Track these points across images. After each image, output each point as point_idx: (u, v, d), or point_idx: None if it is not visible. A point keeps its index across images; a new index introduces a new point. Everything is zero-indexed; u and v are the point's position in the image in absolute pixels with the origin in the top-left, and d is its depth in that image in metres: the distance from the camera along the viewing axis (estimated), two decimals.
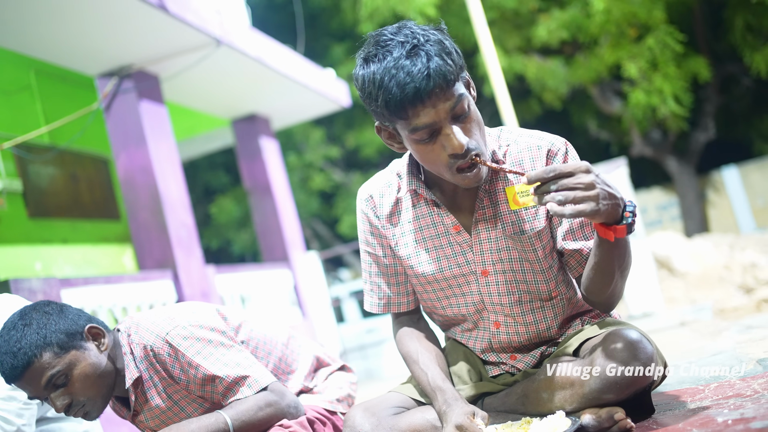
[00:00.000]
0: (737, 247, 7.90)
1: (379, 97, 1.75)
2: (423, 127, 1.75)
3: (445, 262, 2.02)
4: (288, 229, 7.12)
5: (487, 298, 2.01)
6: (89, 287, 4.38)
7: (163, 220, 5.26)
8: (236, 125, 7.23)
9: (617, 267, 1.79)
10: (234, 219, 14.78)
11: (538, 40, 11.22)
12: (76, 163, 6.74)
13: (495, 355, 2.08)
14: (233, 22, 5.66)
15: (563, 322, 2.05)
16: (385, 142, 1.94)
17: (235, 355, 2.20)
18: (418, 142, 1.79)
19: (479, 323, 2.06)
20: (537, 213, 1.96)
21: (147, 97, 5.40)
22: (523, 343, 2.04)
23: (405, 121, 1.76)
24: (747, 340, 2.87)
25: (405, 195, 2.06)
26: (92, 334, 2.19)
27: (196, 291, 5.29)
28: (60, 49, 4.97)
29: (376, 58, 1.76)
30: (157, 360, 2.20)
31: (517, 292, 2.00)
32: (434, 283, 2.06)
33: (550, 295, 2.01)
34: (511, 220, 1.96)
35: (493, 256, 1.98)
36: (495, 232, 1.97)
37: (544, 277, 2.00)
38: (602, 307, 1.96)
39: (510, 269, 1.98)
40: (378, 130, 1.93)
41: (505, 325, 2.03)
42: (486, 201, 1.97)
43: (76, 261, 6.46)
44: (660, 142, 12.80)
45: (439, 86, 1.71)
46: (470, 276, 2.01)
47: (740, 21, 10.94)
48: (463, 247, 2.00)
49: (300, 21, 8.40)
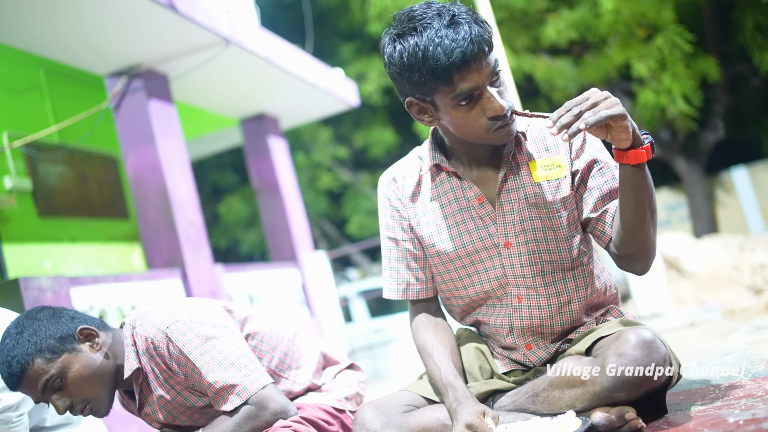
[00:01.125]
0: (746, 247, 7.87)
1: (423, 67, 1.79)
2: (467, 91, 1.80)
3: (467, 237, 2.04)
4: (296, 229, 7.13)
5: (510, 270, 2.02)
6: (98, 286, 4.39)
7: (171, 219, 5.27)
8: (245, 125, 7.24)
9: (646, 201, 1.83)
10: (242, 218, 14.81)
11: (547, 40, 11.19)
12: (86, 162, 6.76)
13: (513, 337, 2.07)
14: (242, 22, 5.67)
15: (585, 305, 2.05)
16: (415, 116, 1.97)
17: (231, 353, 2.21)
18: (458, 107, 1.84)
19: (503, 299, 2.06)
20: (560, 184, 1.99)
21: (156, 97, 5.41)
22: (544, 323, 2.04)
23: (449, 87, 1.80)
24: (757, 340, 2.86)
25: (426, 173, 2.10)
26: (85, 335, 2.22)
27: (205, 290, 5.30)
28: (69, 48, 4.98)
29: (416, 31, 1.80)
30: (156, 353, 2.23)
31: (539, 262, 2.01)
32: (456, 261, 2.06)
33: (573, 264, 2.03)
34: (534, 191, 1.99)
35: (515, 227, 2.00)
36: (518, 204, 1.99)
37: (567, 245, 2.01)
38: (639, 263, 1.94)
39: (533, 239, 2.00)
40: (409, 105, 1.95)
41: (527, 299, 2.03)
42: (509, 173, 2.00)
43: (85, 260, 6.48)
44: (669, 142, 12.76)
45: (482, 51, 1.78)
46: (492, 249, 2.02)
47: (750, 21, 10.89)
48: (486, 220, 2.02)
49: (308, 21, 8.41)
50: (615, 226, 1.92)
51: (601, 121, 1.65)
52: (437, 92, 1.84)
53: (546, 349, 2.06)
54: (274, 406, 2.19)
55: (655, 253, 1.94)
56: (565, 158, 2.00)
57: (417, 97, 1.90)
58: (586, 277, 2.05)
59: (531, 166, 2.00)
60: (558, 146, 2.01)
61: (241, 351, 2.24)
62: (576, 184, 2.00)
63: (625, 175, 1.80)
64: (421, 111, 1.94)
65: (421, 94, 1.88)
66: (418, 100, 1.91)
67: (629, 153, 1.75)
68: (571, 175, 2.00)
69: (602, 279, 2.09)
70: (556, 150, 2.01)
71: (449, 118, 1.88)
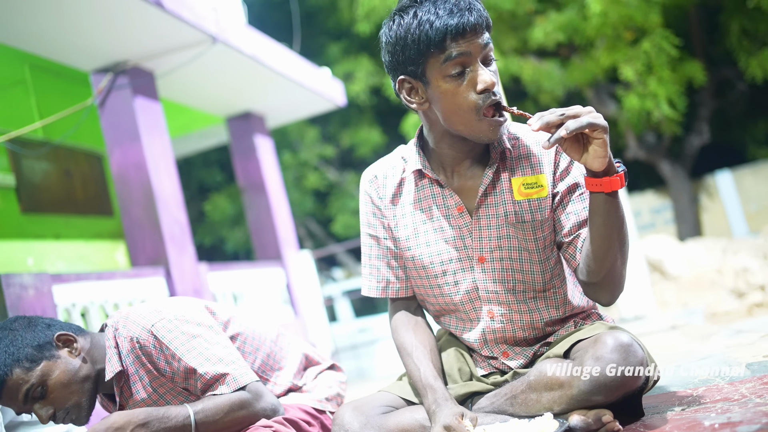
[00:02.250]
0: (730, 251, 7.93)
1: (418, 29, 1.81)
2: (458, 56, 1.80)
3: (443, 245, 2.03)
4: (281, 228, 7.12)
5: (482, 285, 2.02)
6: (81, 283, 4.37)
7: (156, 216, 5.25)
8: (231, 123, 7.22)
9: (615, 231, 1.80)
10: (228, 216, 14.78)
11: (535, 42, 11.22)
12: (70, 158, 6.73)
13: (488, 348, 2.08)
14: (229, 20, 5.66)
15: (557, 320, 2.06)
16: (404, 99, 1.96)
17: (219, 350, 2.21)
18: (448, 79, 1.83)
19: (470, 314, 2.06)
20: (541, 204, 1.98)
21: (142, 94, 5.39)
22: (517, 335, 2.04)
23: (441, 52, 1.81)
24: (736, 344, 2.88)
25: (409, 176, 2.09)
26: (63, 342, 2.20)
27: (189, 288, 5.28)
28: (55, 44, 4.95)
29: (416, 3, 1.84)
30: (143, 352, 2.22)
31: (512, 281, 2.01)
32: (429, 268, 2.06)
33: (545, 287, 2.03)
34: (514, 209, 1.98)
35: (491, 242, 1.99)
36: (497, 219, 1.98)
37: (541, 268, 2.01)
38: (605, 293, 1.93)
39: (508, 257, 1.99)
40: (400, 84, 1.94)
41: (499, 314, 2.03)
42: (490, 187, 1.99)
43: (68, 257, 6.44)
44: (654, 145, 12.83)
45: (478, 24, 1.80)
46: (466, 262, 2.02)
47: (736, 26, 10.97)
48: (463, 231, 2.01)
49: (296, 19, 8.40)
50: (583, 254, 1.91)
51: (583, 127, 1.65)
52: (430, 59, 1.83)
53: (524, 354, 2.07)
54: (269, 399, 2.19)
55: (623, 285, 1.92)
56: (548, 179, 1.98)
57: (409, 72, 1.89)
58: (558, 299, 2.05)
59: (513, 182, 1.98)
60: (542, 165, 1.99)
61: (227, 350, 2.23)
62: (555, 205, 1.99)
63: (597, 204, 1.79)
64: (412, 91, 1.93)
65: (414, 66, 1.87)
66: (409, 77, 1.91)
67: (604, 180, 1.74)
68: (552, 197, 1.99)
69: (576, 301, 2.08)
70: (539, 169, 1.99)
71: (439, 93, 1.86)
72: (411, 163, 2.07)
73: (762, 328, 3.43)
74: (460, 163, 2.01)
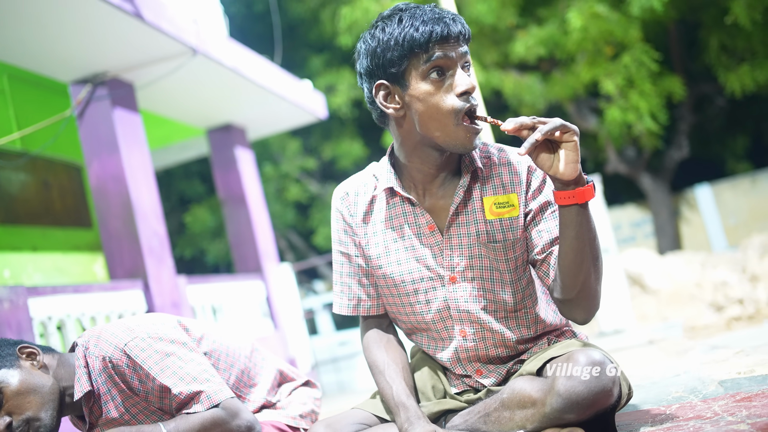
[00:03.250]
0: (709, 265, 7.98)
1: (402, 32, 1.84)
2: (441, 57, 1.83)
3: (414, 264, 2.02)
4: (262, 241, 7.10)
5: (453, 304, 2.01)
6: (57, 296, 4.34)
7: (134, 229, 5.22)
8: (211, 135, 7.20)
9: (587, 245, 1.80)
10: (208, 228, 14.72)
11: (516, 56, 11.28)
12: (49, 169, 6.68)
13: (461, 367, 2.07)
14: (210, 32, 5.65)
15: (530, 338, 2.05)
16: (380, 104, 1.94)
17: (192, 368, 2.19)
18: (429, 81, 1.85)
19: (443, 332, 2.05)
20: (512, 224, 1.97)
21: (121, 105, 5.37)
22: (489, 353, 2.03)
23: (424, 53, 1.83)
24: (711, 360, 2.89)
25: (380, 194, 2.07)
26: (26, 354, 2.19)
27: (167, 301, 5.25)
28: (34, 54, 4.93)
29: (401, 11, 1.89)
30: (115, 371, 2.19)
31: (483, 300, 2.00)
32: (401, 286, 2.05)
33: (516, 307, 2.02)
34: (486, 229, 1.97)
35: (463, 261, 1.98)
36: (468, 238, 1.98)
37: (512, 288, 2.00)
38: (580, 311, 1.91)
39: (479, 277, 1.99)
40: (377, 89, 1.93)
41: (471, 333, 2.02)
42: (461, 206, 1.98)
43: (46, 269, 6.39)
44: (635, 159, 12.92)
45: (461, 32, 1.85)
46: (437, 281, 2.01)
47: (715, 42, 11.09)
48: (434, 249, 2.00)
49: (278, 32, 8.40)
50: (557, 270, 1.90)
51: (555, 129, 1.67)
52: (412, 60, 1.85)
53: (497, 372, 2.07)
54: (244, 417, 2.16)
55: (599, 302, 1.90)
56: (519, 198, 1.98)
57: (389, 75, 1.89)
58: (529, 318, 2.04)
59: (485, 201, 1.98)
60: (514, 185, 1.99)
61: (201, 367, 2.21)
62: (527, 223, 1.98)
63: (569, 217, 1.79)
64: (389, 96, 1.93)
65: (395, 67, 1.87)
66: (387, 81, 1.91)
67: (576, 191, 1.74)
68: (524, 215, 1.98)
69: (548, 319, 2.07)
70: (511, 188, 1.99)
71: (418, 96, 1.86)
72: (382, 180, 2.06)
73: (737, 343, 3.45)
74: (432, 181, 2.00)
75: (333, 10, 12.44)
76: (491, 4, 11.11)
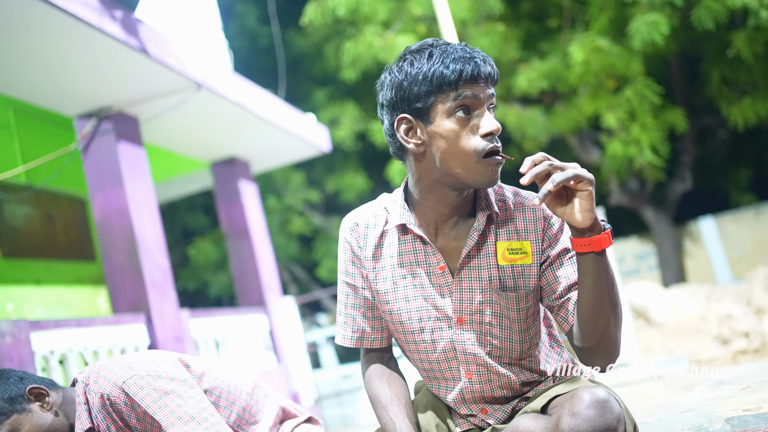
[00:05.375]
0: (713, 297, 7.94)
1: (432, 67, 1.81)
2: (470, 97, 1.81)
3: (422, 302, 1.99)
4: (265, 274, 7.09)
5: (460, 346, 1.99)
6: (60, 330, 4.33)
7: (138, 262, 5.22)
8: (215, 168, 7.23)
9: (606, 292, 1.79)
10: (212, 261, 14.71)
11: (519, 89, 11.34)
12: (53, 203, 6.70)
13: (466, 407, 2.06)
14: (214, 66, 5.69)
15: (535, 381, 2.04)
16: (401, 139, 1.90)
17: (192, 406, 2.17)
18: (454, 118, 1.82)
19: (447, 373, 2.04)
20: (524, 272, 1.94)
21: (125, 139, 5.39)
22: (495, 394, 2.02)
23: (453, 91, 1.81)
24: (717, 396, 2.86)
25: (391, 229, 2.04)
26: (34, 395, 2.19)
27: (170, 335, 5.23)
28: (40, 89, 4.97)
29: (431, 46, 1.86)
30: (113, 409, 2.18)
31: (489, 345, 1.98)
32: (406, 324, 2.02)
33: (521, 356, 2.00)
34: (498, 274, 1.94)
35: (473, 306, 1.96)
36: (480, 283, 1.95)
37: (520, 338, 1.98)
38: (600, 359, 1.88)
39: (488, 322, 1.96)
40: (398, 123, 1.90)
41: (477, 374, 2.00)
42: (474, 250, 1.95)
43: (49, 302, 6.38)
44: (637, 191, 12.93)
45: (491, 73, 1.83)
46: (444, 321, 1.99)
47: (716, 74, 11.14)
48: (443, 290, 1.98)
49: (281, 66, 8.46)
50: (576, 317, 1.88)
51: (569, 179, 1.65)
52: (439, 96, 1.83)
53: (502, 410, 2.05)
54: None
55: (619, 350, 1.88)
56: (534, 246, 1.95)
57: (413, 109, 1.87)
58: (533, 366, 2.03)
59: (498, 246, 1.95)
60: (528, 232, 1.96)
61: (200, 405, 2.20)
62: (543, 269, 1.96)
63: (586, 264, 1.78)
64: (410, 131, 1.89)
65: (421, 102, 1.85)
66: (411, 116, 1.88)
67: (592, 239, 1.73)
68: (540, 264, 1.96)
69: (552, 365, 2.06)
70: (525, 235, 1.96)
71: (441, 132, 1.83)
72: (394, 215, 2.03)
73: (744, 378, 3.42)
74: (445, 221, 1.96)
75: (337, 45, 12.53)
76: (494, 38, 11.20)
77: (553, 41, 11.93)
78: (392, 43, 10.77)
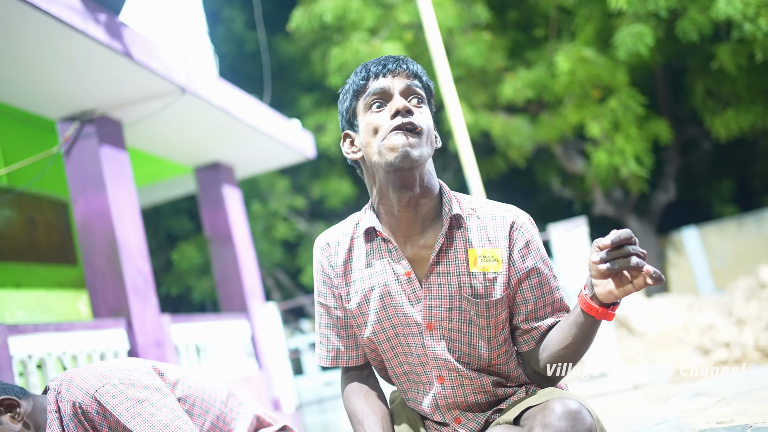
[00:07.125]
0: (695, 308, 7.98)
1: (350, 82, 1.97)
2: (377, 90, 1.91)
3: (392, 310, 2.00)
4: (248, 280, 7.07)
5: (431, 351, 1.99)
6: (38, 335, 4.29)
7: (119, 267, 5.19)
8: (199, 173, 7.21)
9: (586, 345, 1.89)
10: (195, 266, 14.65)
11: (504, 98, 11.39)
12: (34, 206, 6.66)
13: (440, 414, 2.06)
14: (199, 71, 5.68)
15: (508, 386, 2.04)
16: (346, 153, 2.02)
17: (165, 414, 2.16)
18: (370, 113, 1.92)
19: (422, 377, 2.04)
20: (495, 279, 1.95)
21: (108, 143, 5.37)
22: (468, 399, 2.02)
23: (365, 91, 1.93)
24: (692, 408, 2.88)
25: (359, 238, 2.05)
26: (5, 406, 2.18)
27: (150, 340, 5.21)
28: (22, 91, 4.94)
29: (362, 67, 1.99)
30: (85, 417, 2.16)
31: (457, 351, 1.99)
32: (380, 333, 2.03)
33: (490, 363, 2.00)
34: (469, 281, 1.95)
35: (442, 312, 1.96)
36: (449, 290, 1.95)
37: (488, 345, 1.98)
38: (547, 382, 2.01)
39: (457, 329, 1.97)
40: (343, 139, 2.03)
41: (449, 379, 2.00)
42: (442, 256, 1.96)
43: (29, 306, 6.34)
44: (621, 201, 13.00)
45: (402, 68, 1.92)
46: (414, 327, 1.99)
47: (701, 86, 11.23)
48: (411, 297, 1.98)
49: (267, 71, 8.45)
50: (546, 352, 1.95)
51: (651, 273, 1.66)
52: (356, 100, 1.96)
53: (476, 420, 2.05)
54: None
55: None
56: (503, 254, 1.96)
57: (347, 124, 2.00)
58: (501, 373, 2.04)
59: (470, 253, 1.95)
60: (498, 240, 1.97)
61: (174, 413, 2.18)
62: (513, 287, 1.98)
63: (582, 322, 1.84)
64: (350, 141, 2.02)
65: (350, 114, 1.98)
66: (349, 129, 2.01)
67: (601, 310, 1.79)
68: (508, 275, 1.97)
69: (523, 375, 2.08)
70: (496, 243, 1.97)
71: (362, 129, 1.95)
72: (363, 223, 2.05)
73: (720, 390, 3.43)
74: (410, 226, 1.97)
75: (323, 51, 12.55)
76: (480, 46, 11.25)
77: (539, 51, 12.00)
78: (379, 50, 10.80)
